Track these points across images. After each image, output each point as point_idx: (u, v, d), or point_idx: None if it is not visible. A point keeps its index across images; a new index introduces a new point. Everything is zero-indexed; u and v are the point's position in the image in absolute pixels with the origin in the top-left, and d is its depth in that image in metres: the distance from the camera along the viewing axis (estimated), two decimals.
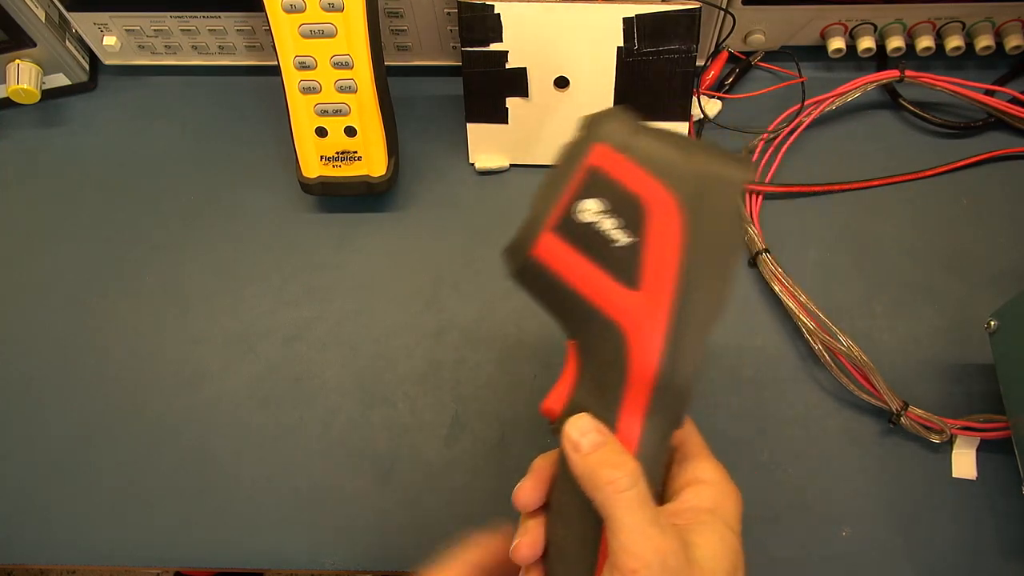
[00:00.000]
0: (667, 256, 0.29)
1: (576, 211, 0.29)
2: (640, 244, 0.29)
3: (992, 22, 0.54)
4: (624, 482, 0.28)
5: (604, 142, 0.29)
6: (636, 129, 0.29)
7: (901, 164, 0.54)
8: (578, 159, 0.29)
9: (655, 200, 0.28)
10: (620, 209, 0.29)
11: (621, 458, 0.29)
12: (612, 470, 0.29)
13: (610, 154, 0.29)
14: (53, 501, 0.49)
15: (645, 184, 0.28)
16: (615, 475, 0.28)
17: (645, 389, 0.29)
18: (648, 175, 0.28)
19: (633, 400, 0.30)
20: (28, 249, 0.56)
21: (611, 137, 0.29)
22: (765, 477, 0.47)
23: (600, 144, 0.29)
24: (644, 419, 0.30)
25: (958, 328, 0.50)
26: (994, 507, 0.46)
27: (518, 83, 0.52)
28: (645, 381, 0.29)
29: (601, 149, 0.29)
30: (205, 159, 0.58)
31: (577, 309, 0.30)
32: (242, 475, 0.49)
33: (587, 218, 0.29)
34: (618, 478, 0.28)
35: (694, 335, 0.29)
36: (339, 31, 0.48)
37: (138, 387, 0.51)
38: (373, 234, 0.54)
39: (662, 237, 0.28)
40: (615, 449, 0.29)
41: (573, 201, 0.29)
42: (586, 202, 0.29)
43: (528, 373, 0.50)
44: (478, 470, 0.48)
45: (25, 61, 0.55)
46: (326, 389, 0.50)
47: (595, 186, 0.29)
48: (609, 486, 0.28)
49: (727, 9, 0.52)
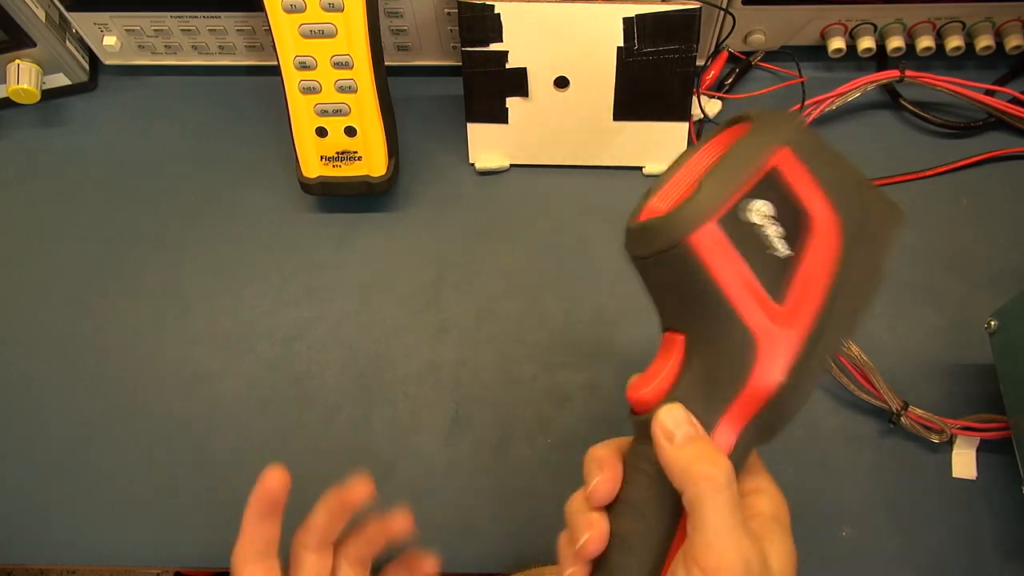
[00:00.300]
0: (818, 278, 0.28)
1: (745, 209, 0.28)
2: (797, 259, 0.28)
3: (992, 22, 0.54)
4: (721, 480, 0.28)
5: (790, 147, 0.28)
6: (819, 142, 0.28)
7: (901, 164, 0.54)
8: (760, 156, 0.28)
9: (822, 218, 0.28)
10: (787, 218, 0.28)
11: (717, 456, 0.29)
12: (710, 466, 0.28)
13: (793, 160, 0.28)
14: (53, 501, 0.49)
15: (817, 200, 0.28)
16: (712, 472, 0.28)
17: (756, 403, 0.29)
18: (822, 192, 0.28)
19: (740, 409, 0.29)
20: (28, 249, 0.56)
21: (798, 144, 0.28)
22: None
23: (785, 148, 0.28)
24: (742, 429, 0.29)
25: (958, 328, 0.50)
26: (994, 507, 0.46)
27: (518, 83, 0.52)
28: (760, 395, 0.29)
29: (785, 153, 0.28)
30: (205, 159, 0.58)
31: (712, 307, 0.28)
32: (242, 475, 0.49)
33: (754, 218, 0.28)
34: (715, 475, 0.28)
35: (819, 362, 0.29)
36: (339, 31, 0.48)
37: (138, 387, 0.51)
38: (373, 234, 0.54)
39: (819, 258, 0.28)
40: (710, 446, 0.29)
41: (744, 198, 0.28)
42: (757, 202, 0.28)
43: (528, 373, 0.50)
44: (478, 470, 0.48)
45: (25, 61, 0.55)
46: (326, 389, 0.50)
47: (770, 189, 0.28)
48: (705, 481, 0.28)
49: (727, 9, 0.52)
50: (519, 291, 0.52)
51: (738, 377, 0.29)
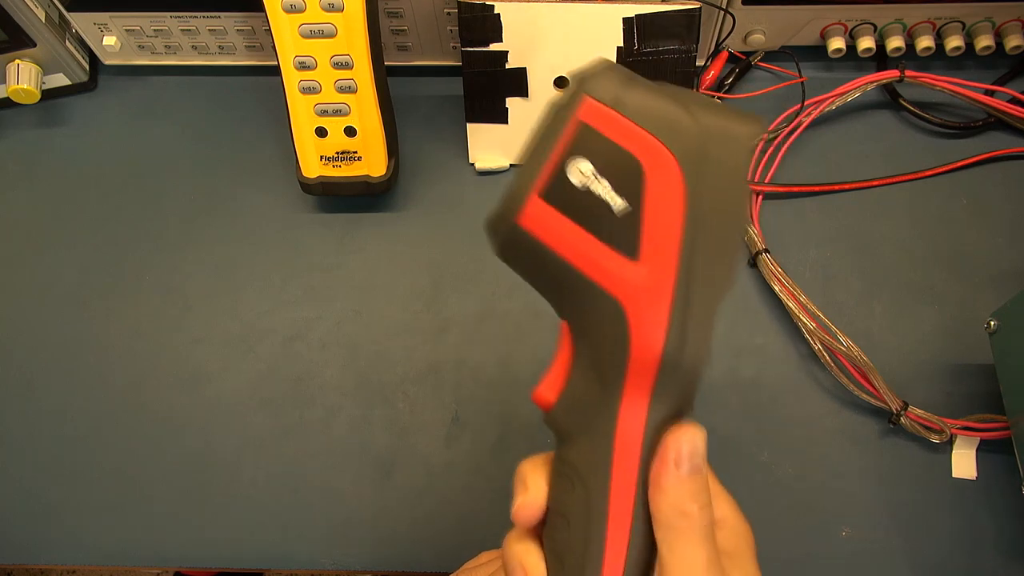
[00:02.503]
0: (669, 222, 0.25)
1: (566, 173, 0.26)
2: (639, 209, 0.25)
3: (992, 22, 0.54)
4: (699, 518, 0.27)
5: (593, 95, 0.25)
6: (629, 81, 0.25)
7: (901, 164, 0.54)
8: (566, 116, 0.25)
9: (653, 160, 0.25)
10: (615, 171, 0.25)
11: (709, 498, 0.27)
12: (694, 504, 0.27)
13: (601, 109, 0.25)
14: (53, 501, 0.49)
15: (641, 142, 0.25)
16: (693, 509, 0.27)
17: (649, 371, 0.27)
18: (644, 132, 0.25)
19: (636, 384, 0.27)
20: (28, 249, 0.56)
21: (601, 90, 0.25)
22: (765, 477, 0.47)
23: (589, 98, 0.25)
24: (650, 405, 0.27)
25: (958, 328, 0.50)
26: (994, 507, 0.46)
27: (518, 83, 0.52)
28: (649, 362, 0.26)
29: (591, 104, 0.25)
30: (205, 159, 0.58)
31: (570, 283, 0.27)
32: (242, 475, 0.49)
33: (578, 181, 0.26)
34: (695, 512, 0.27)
35: (702, 309, 0.26)
36: (339, 31, 0.48)
37: (138, 387, 0.51)
38: (373, 234, 0.54)
39: (662, 201, 0.25)
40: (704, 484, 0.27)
41: (561, 162, 0.26)
42: (575, 163, 0.26)
43: (528, 373, 0.50)
44: (478, 470, 0.48)
45: (25, 61, 0.55)
46: (326, 389, 0.50)
47: (585, 145, 0.25)
48: (684, 519, 0.27)
49: (727, 9, 0.52)
50: (519, 291, 0.52)
51: (620, 349, 0.27)
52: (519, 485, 0.30)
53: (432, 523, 0.47)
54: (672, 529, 0.27)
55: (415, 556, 0.47)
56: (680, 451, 0.27)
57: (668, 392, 0.27)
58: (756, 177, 0.54)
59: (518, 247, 0.27)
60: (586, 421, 0.28)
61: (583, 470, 0.28)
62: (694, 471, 0.27)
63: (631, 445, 0.28)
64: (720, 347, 0.50)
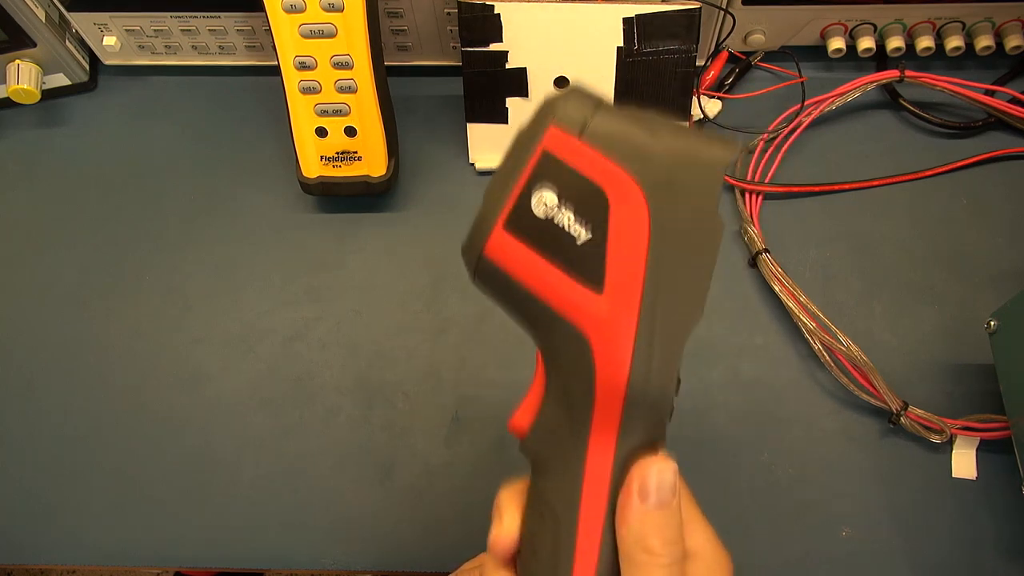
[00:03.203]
0: (633, 253, 0.25)
1: (530, 204, 0.25)
2: (603, 240, 0.25)
3: (992, 22, 0.54)
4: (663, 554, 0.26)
5: (559, 124, 0.25)
6: (595, 107, 0.25)
7: (901, 164, 0.54)
8: (531, 145, 0.25)
9: (618, 190, 0.25)
10: (580, 201, 0.25)
11: (677, 533, 0.27)
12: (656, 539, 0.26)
13: (564, 137, 0.25)
14: (53, 501, 0.49)
15: (606, 171, 0.25)
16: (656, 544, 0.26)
17: (615, 403, 0.26)
18: (609, 161, 0.24)
19: (604, 415, 0.26)
20: (28, 249, 0.56)
21: (567, 118, 0.24)
22: (765, 477, 0.47)
23: (554, 126, 0.25)
24: (618, 437, 0.27)
25: (958, 328, 0.50)
26: (994, 507, 0.46)
27: (518, 83, 0.52)
28: (614, 394, 0.26)
29: (555, 132, 0.25)
30: (205, 159, 0.58)
31: (537, 314, 0.27)
32: (242, 475, 0.49)
33: (541, 212, 0.25)
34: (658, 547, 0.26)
35: (668, 341, 0.26)
36: (339, 31, 0.48)
37: (138, 387, 0.51)
38: (373, 234, 0.54)
39: (627, 232, 0.25)
40: (672, 519, 0.27)
41: (525, 192, 0.25)
42: (540, 193, 0.25)
43: (528, 373, 0.50)
44: (478, 470, 0.48)
45: (25, 61, 0.55)
46: (326, 389, 0.50)
47: (549, 175, 0.25)
48: (645, 554, 0.26)
49: (727, 9, 0.52)
50: None
51: (586, 380, 0.26)
52: (495, 515, 0.30)
53: (432, 523, 0.47)
54: (633, 563, 0.27)
55: (415, 556, 0.47)
56: (646, 483, 0.27)
57: (636, 424, 0.27)
58: (756, 177, 0.54)
59: (486, 277, 0.27)
60: (557, 451, 0.28)
61: (553, 501, 0.28)
62: (661, 505, 0.27)
63: (600, 477, 0.27)
64: (720, 347, 0.50)
